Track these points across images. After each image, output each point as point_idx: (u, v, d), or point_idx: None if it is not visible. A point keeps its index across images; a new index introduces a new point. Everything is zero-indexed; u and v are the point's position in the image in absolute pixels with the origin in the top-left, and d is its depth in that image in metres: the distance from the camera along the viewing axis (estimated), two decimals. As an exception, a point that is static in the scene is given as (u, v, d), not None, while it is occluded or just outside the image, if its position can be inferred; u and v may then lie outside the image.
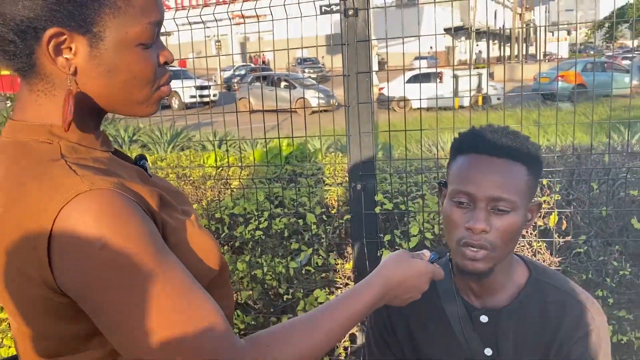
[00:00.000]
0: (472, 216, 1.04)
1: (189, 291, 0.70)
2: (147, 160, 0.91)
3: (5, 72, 0.78)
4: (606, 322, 1.13)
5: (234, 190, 2.77)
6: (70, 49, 0.72)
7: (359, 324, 2.47)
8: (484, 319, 1.14)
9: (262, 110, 2.47)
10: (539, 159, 1.08)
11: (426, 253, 1.02)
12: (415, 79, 11.70)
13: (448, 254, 1.19)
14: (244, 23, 2.54)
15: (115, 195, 0.68)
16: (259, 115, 2.53)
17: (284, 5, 2.22)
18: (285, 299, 2.59)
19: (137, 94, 0.78)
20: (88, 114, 0.78)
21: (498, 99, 13.12)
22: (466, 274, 1.10)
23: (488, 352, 1.13)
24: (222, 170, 2.97)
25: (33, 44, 0.71)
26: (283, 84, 12.87)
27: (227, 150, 3.39)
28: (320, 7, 2.58)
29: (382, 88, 11.55)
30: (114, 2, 0.72)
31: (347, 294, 0.88)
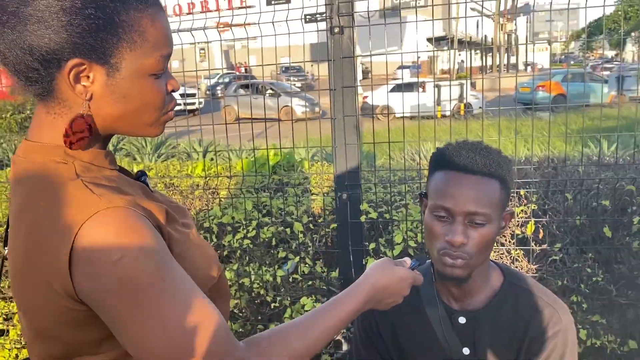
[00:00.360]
0: (450, 229, 1.13)
1: (193, 299, 0.77)
2: (147, 176, 0.98)
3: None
4: (573, 323, 1.23)
5: (222, 199, 2.82)
6: (88, 77, 0.79)
7: (345, 331, 2.54)
8: (462, 320, 1.23)
9: (250, 119, 2.53)
10: (510, 173, 1.18)
11: (407, 260, 1.11)
12: (398, 87, 11.82)
13: (429, 260, 1.28)
14: (234, 38, 2.61)
15: (130, 212, 0.75)
16: (242, 123, 2.60)
17: (273, 22, 2.30)
18: (272, 307, 2.65)
19: (147, 118, 0.85)
20: (99, 135, 0.85)
21: (480, 108, 13.34)
22: (446, 280, 1.20)
23: (466, 351, 1.22)
24: (209, 179, 3.03)
25: (54, 72, 0.77)
26: (268, 92, 12.95)
27: (214, 159, 3.44)
28: (305, 16, 2.66)
29: (365, 97, 11.65)
30: (131, 37, 0.79)
31: (337, 299, 0.95)
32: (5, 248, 0.98)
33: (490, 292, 1.24)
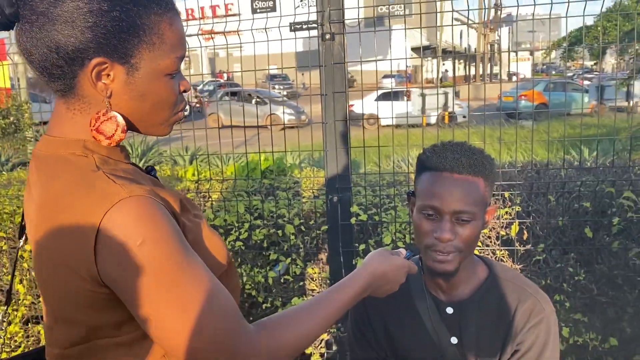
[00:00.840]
0: (439, 227, 1.21)
1: (208, 283, 0.83)
2: (156, 171, 1.03)
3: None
4: (554, 311, 1.30)
5: (214, 202, 2.87)
6: (109, 75, 0.84)
7: (335, 331, 2.59)
8: (449, 310, 1.30)
9: (240, 126, 2.59)
10: (493, 170, 1.25)
11: (402, 251, 1.19)
12: (384, 96, 11.97)
13: (419, 255, 1.34)
14: (226, 44, 2.67)
15: (149, 200, 0.81)
16: (227, 131, 2.66)
17: (265, 28, 2.37)
18: (264, 308, 2.69)
19: (160, 117, 0.91)
20: None
21: (464, 117, 13.58)
22: (436, 274, 1.26)
23: (454, 340, 1.28)
24: (200, 184, 3.07)
25: (77, 69, 0.83)
26: (254, 100, 13.07)
27: (207, 164, 3.48)
28: (290, 24, 2.74)
29: (352, 105, 11.79)
30: (151, 39, 0.84)
31: (340, 285, 1.02)
32: (20, 241, 1.03)
33: (476, 284, 1.31)
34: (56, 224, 0.81)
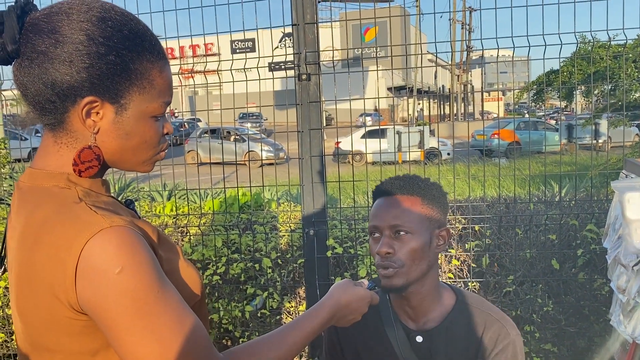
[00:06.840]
0: (379, 243, 1.30)
1: (182, 312, 0.87)
2: (135, 205, 1.08)
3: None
4: (520, 335, 1.35)
5: (192, 237, 2.90)
6: (98, 113, 0.89)
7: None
8: (419, 338, 1.35)
9: (221, 162, 2.65)
10: (434, 193, 1.34)
11: (365, 282, 1.25)
12: (369, 134, 12.27)
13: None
14: (205, 83, 2.76)
15: (129, 231, 0.85)
16: (206, 168, 2.72)
17: (244, 68, 2.46)
18: (241, 342, 2.70)
19: (143, 155, 0.97)
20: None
21: (448, 154, 13.95)
22: (387, 291, 1.33)
23: None
24: (177, 219, 3.10)
25: (69, 105, 0.88)
26: (232, 137, 13.19)
27: (184, 199, 3.52)
28: (269, 64, 2.84)
29: (338, 142, 12.07)
30: (141, 83, 0.91)
31: (305, 315, 1.07)
32: (0, 269, 1.06)
33: (443, 311, 1.36)
34: (38, 251, 0.84)
